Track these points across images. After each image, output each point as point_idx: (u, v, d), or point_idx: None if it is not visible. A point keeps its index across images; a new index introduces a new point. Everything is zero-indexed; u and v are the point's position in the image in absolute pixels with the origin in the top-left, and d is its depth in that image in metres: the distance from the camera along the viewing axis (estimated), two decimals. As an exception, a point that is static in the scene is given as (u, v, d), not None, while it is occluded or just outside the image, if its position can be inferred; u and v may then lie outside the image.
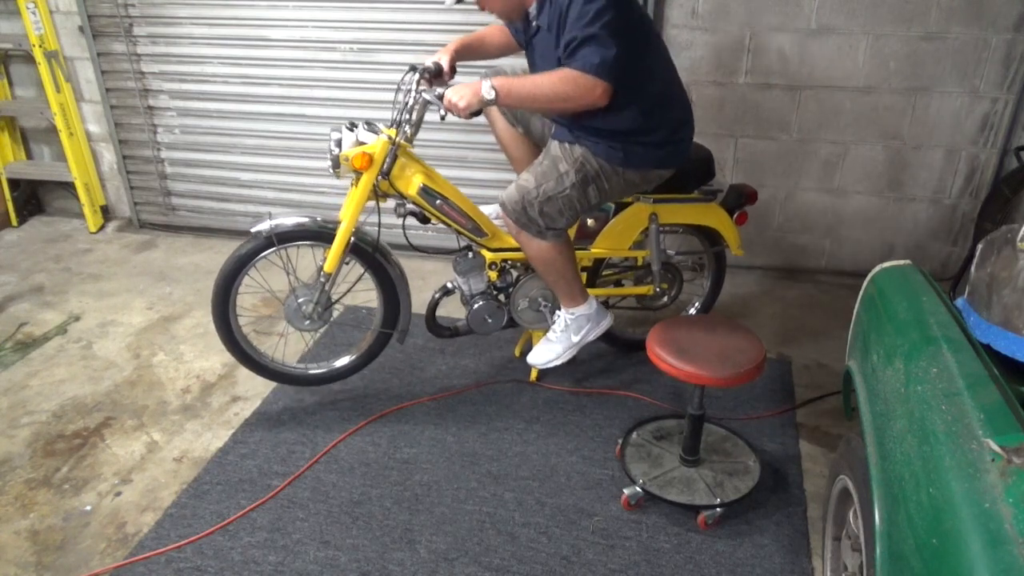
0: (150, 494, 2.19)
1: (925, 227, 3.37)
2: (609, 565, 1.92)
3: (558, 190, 2.19)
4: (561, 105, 2.04)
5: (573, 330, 2.45)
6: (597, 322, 2.47)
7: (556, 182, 2.19)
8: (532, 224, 2.23)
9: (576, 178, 2.19)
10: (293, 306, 2.37)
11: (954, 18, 2.95)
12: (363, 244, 2.34)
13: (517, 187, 2.22)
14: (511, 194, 2.23)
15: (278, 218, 2.28)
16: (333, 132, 2.25)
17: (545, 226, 2.23)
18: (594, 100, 1.99)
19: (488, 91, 2.02)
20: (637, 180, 2.29)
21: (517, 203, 2.21)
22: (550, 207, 2.20)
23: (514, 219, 2.24)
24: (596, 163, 2.20)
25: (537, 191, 2.19)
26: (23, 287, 3.46)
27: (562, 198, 2.20)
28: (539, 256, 2.31)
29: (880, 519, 1.26)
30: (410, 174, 2.30)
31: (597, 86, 1.96)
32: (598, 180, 2.22)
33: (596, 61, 1.94)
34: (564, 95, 1.99)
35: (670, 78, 2.24)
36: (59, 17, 3.76)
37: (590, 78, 1.95)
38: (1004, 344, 1.31)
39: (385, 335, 2.52)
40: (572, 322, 2.44)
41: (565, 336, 2.45)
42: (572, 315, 2.43)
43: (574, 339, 2.46)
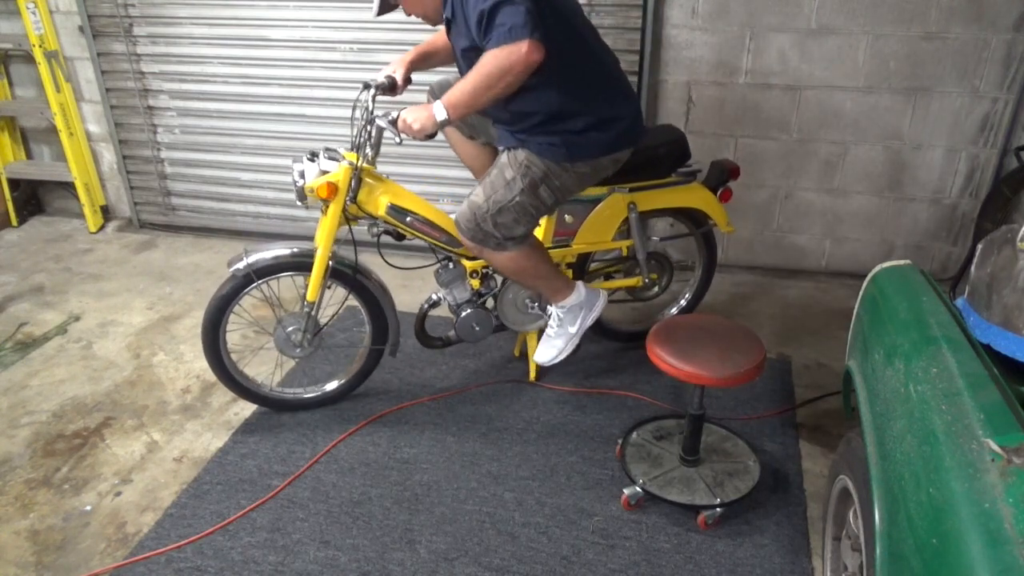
0: (150, 494, 2.19)
1: (925, 227, 3.37)
2: (609, 565, 1.92)
3: (508, 199, 2.15)
4: (503, 83, 1.95)
5: (569, 322, 2.43)
6: (591, 306, 2.45)
7: (505, 190, 2.16)
8: (489, 238, 2.20)
9: (524, 183, 2.15)
10: (283, 336, 2.38)
11: (954, 18, 2.95)
12: (342, 267, 2.34)
13: (468, 204, 2.19)
14: (463, 212, 2.20)
15: (254, 253, 2.27)
16: (295, 164, 2.24)
17: (503, 237, 2.19)
18: (526, 60, 1.90)
19: (440, 112, 2.01)
20: (588, 171, 2.24)
21: (470, 220, 2.18)
22: (503, 217, 2.17)
23: (470, 236, 2.21)
24: (542, 164, 2.16)
25: (487, 204, 2.16)
26: (23, 287, 3.46)
27: (514, 206, 2.16)
28: (507, 266, 2.28)
29: (880, 519, 1.26)
30: (377, 195, 2.29)
31: (520, 47, 1.88)
32: (547, 180, 2.18)
33: (507, 28, 1.88)
34: (497, 72, 1.93)
35: (599, 54, 2.19)
36: (59, 17, 3.76)
37: (511, 46, 1.89)
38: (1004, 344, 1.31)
39: (377, 351, 2.52)
40: (566, 315, 2.42)
41: (563, 330, 2.44)
42: (563, 308, 2.41)
43: (572, 330, 2.44)
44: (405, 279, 3.11)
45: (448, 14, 2.07)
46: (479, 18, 1.91)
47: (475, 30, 1.96)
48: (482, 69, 1.95)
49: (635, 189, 2.49)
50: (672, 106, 3.33)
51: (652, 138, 2.50)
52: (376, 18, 2.17)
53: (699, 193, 2.58)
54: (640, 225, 2.54)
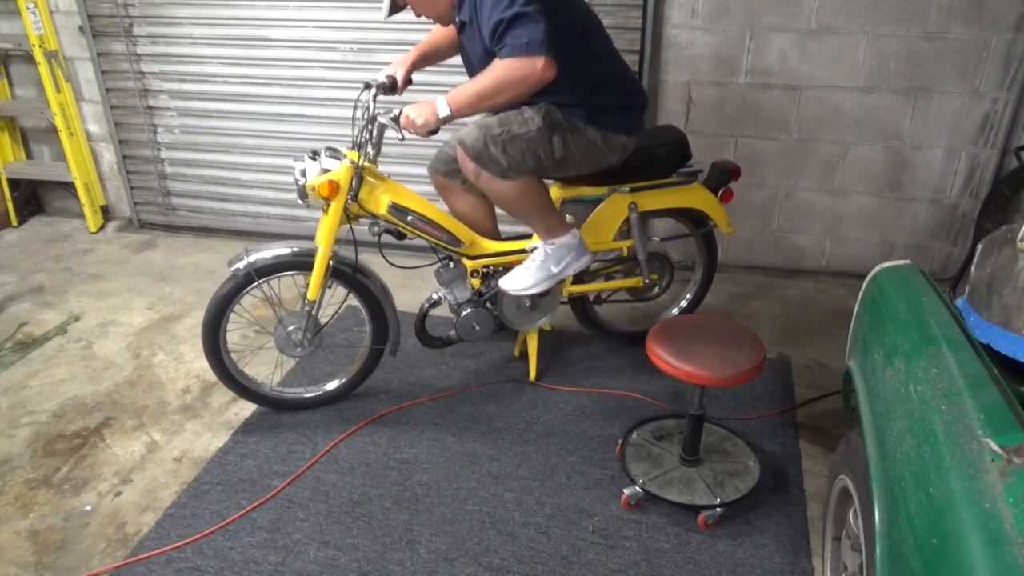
0: (150, 494, 2.19)
1: (925, 227, 3.37)
2: (609, 565, 1.92)
3: (523, 131, 2.11)
4: (511, 94, 1.99)
5: (553, 261, 2.34)
6: (579, 256, 2.38)
7: (520, 124, 2.12)
8: (494, 163, 2.12)
9: (543, 123, 2.13)
10: (283, 335, 2.37)
11: (954, 18, 2.95)
12: (342, 267, 2.34)
13: (477, 125, 2.13)
14: (470, 131, 2.12)
15: (254, 253, 2.27)
16: (297, 163, 2.25)
17: (508, 165, 2.13)
18: (540, 77, 1.94)
19: (443, 107, 2.02)
20: (599, 143, 2.25)
21: (477, 140, 2.10)
22: (513, 147, 2.11)
23: (473, 157, 2.12)
24: (561, 114, 2.16)
25: (500, 128, 2.11)
26: (23, 287, 3.46)
27: (527, 139, 2.12)
28: (506, 196, 2.21)
29: (880, 519, 1.26)
30: (378, 194, 2.29)
31: (536, 63, 1.92)
32: (562, 131, 2.17)
33: (524, 41, 1.90)
34: (509, 83, 1.96)
35: (609, 51, 2.23)
36: (59, 17, 3.76)
37: (525, 59, 1.91)
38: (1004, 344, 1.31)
39: (377, 351, 2.51)
40: (553, 252, 2.34)
41: (544, 266, 2.34)
42: (553, 245, 2.33)
43: (554, 270, 2.35)
44: (405, 278, 3.11)
45: (464, 17, 2.08)
46: (495, 26, 1.93)
47: (488, 37, 1.97)
48: (494, 77, 1.96)
49: (636, 189, 2.50)
50: (672, 106, 3.33)
51: (653, 138, 2.51)
52: (386, 20, 2.17)
53: (700, 194, 2.58)
54: (641, 225, 2.54)
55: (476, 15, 2.02)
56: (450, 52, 2.45)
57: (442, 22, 2.22)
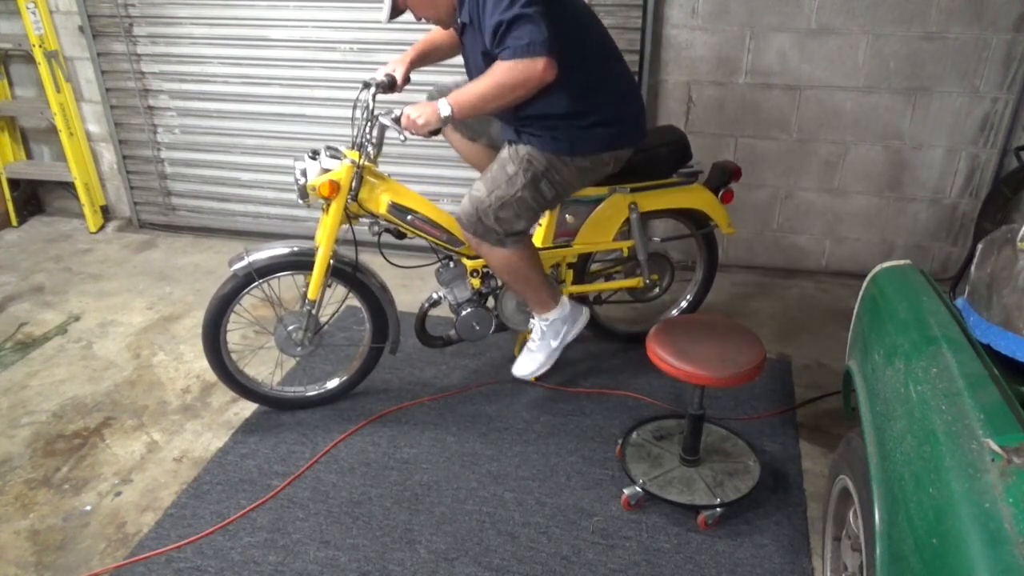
0: (150, 494, 2.19)
1: (925, 227, 3.37)
2: (609, 565, 1.92)
3: (510, 193, 2.17)
4: (513, 95, 1.99)
5: (551, 336, 2.43)
6: (574, 321, 2.46)
7: (507, 185, 2.17)
8: (490, 233, 2.21)
9: (525, 178, 2.17)
10: (283, 335, 2.38)
11: (954, 18, 2.95)
12: (342, 266, 2.34)
13: (470, 199, 2.20)
14: (465, 207, 2.21)
15: (255, 252, 2.27)
16: (297, 162, 2.25)
17: (504, 232, 2.20)
18: (540, 78, 1.95)
19: (445, 107, 2.03)
20: (588, 166, 2.26)
21: (471, 215, 2.19)
22: (505, 212, 2.18)
23: (472, 231, 2.22)
24: (543, 158, 2.18)
25: (489, 198, 2.17)
26: (23, 287, 3.46)
27: (516, 201, 2.17)
28: (502, 264, 2.28)
29: (880, 519, 1.26)
30: (378, 193, 2.30)
31: (537, 64, 1.92)
32: (549, 175, 2.20)
33: (525, 42, 1.90)
34: (510, 85, 1.96)
35: (607, 52, 2.22)
36: (59, 17, 3.76)
37: (527, 61, 1.92)
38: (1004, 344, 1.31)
39: (377, 349, 2.52)
40: (548, 328, 2.43)
41: (545, 343, 2.44)
42: (546, 321, 2.42)
43: (554, 344, 2.45)
44: (405, 278, 3.11)
45: (465, 19, 2.08)
46: (496, 27, 1.93)
47: (489, 39, 1.97)
48: (496, 78, 1.97)
49: (636, 189, 2.49)
50: (672, 106, 3.33)
51: (653, 139, 2.50)
52: (387, 23, 2.17)
53: (700, 194, 2.58)
54: (641, 225, 2.54)
55: (477, 17, 2.02)
56: (448, 52, 2.45)
57: (443, 25, 2.22)
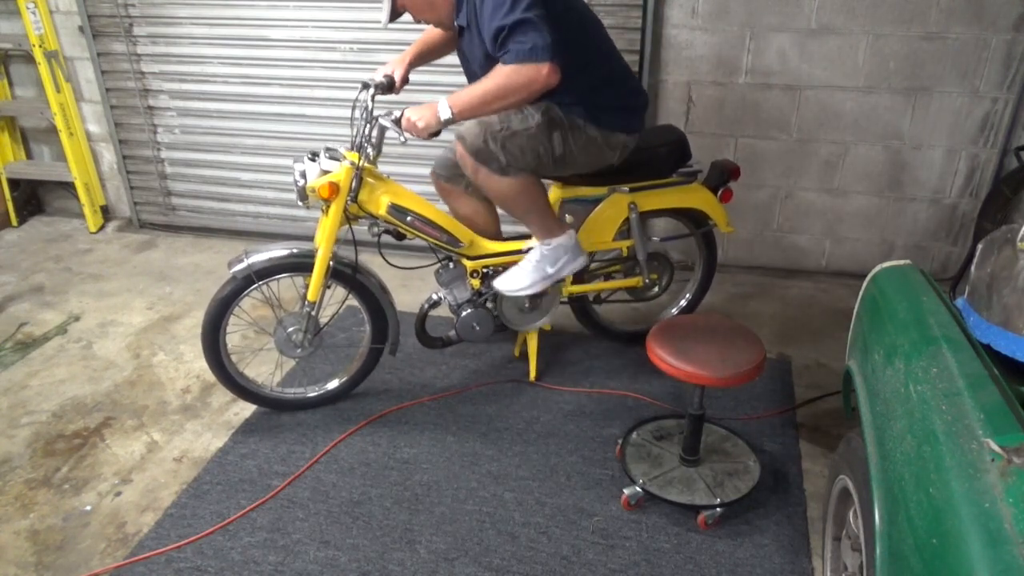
0: (150, 494, 2.19)
1: (925, 227, 3.37)
2: (609, 565, 1.92)
3: (523, 127, 2.12)
4: (515, 98, 2.00)
5: (549, 261, 2.34)
6: (574, 256, 2.39)
7: (521, 120, 2.12)
8: (493, 159, 2.13)
9: (542, 119, 2.14)
10: (283, 336, 2.37)
11: (954, 18, 2.95)
12: (342, 267, 2.34)
13: (478, 121, 2.12)
14: (470, 127, 2.11)
15: (254, 254, 2.26)
16: (296, 164, 2.24)
17: (507, 162, 2.13)
18: (544, 82, 1.96)
19: (445, 110, 2.02)
20: (599, 140, 2.25)
21: (478, 136, 2.10)
22: (512, 143, 2.12)
23: (473, 152, 2.12)
24: (560, 112, 2.17)
25: (501, 124, 2.11)
26: (23, 287, 3.46)
27: (527, 135, 2.13)
28: (504, 193, 2.21)
29: (880, 519, 1.26)
30: (378, 195, 2.29)
31: (541, 69, 1.93)
32: (563, 128, 2.18)
33: (528, 47, 1.91)
34: (513, 88, 1.97)
35: (607, 51, 2.23)
36: (59, 17, 3.76)
37: (531, 65, 1.92)
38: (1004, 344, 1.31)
39: (377, 350, 2.51)
40: (549, 252, 2.34)
41: (540, 267, 2.34)
42: (548, 245, 2.33)
43: (549, 271, 2.35)
44: (405, 279, 3.11)
45: (462, 22, 2.08)
46: (497, 32, 1.93)
47: (490, 43, 1.97)
48: (498, 81, 1.97)
49: (636, 189, 2.49)
50: (672, 106, 3.33)
51: (653, 138, 2.50)
52: (386, 25, 2.17)
53: (699, 193, 2.58)
54: (640, 225, 2.54)
55: (475, 20, 2.02)
56: (446, 51, 2.45)
57: (443, 27, 2.21)
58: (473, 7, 2.01)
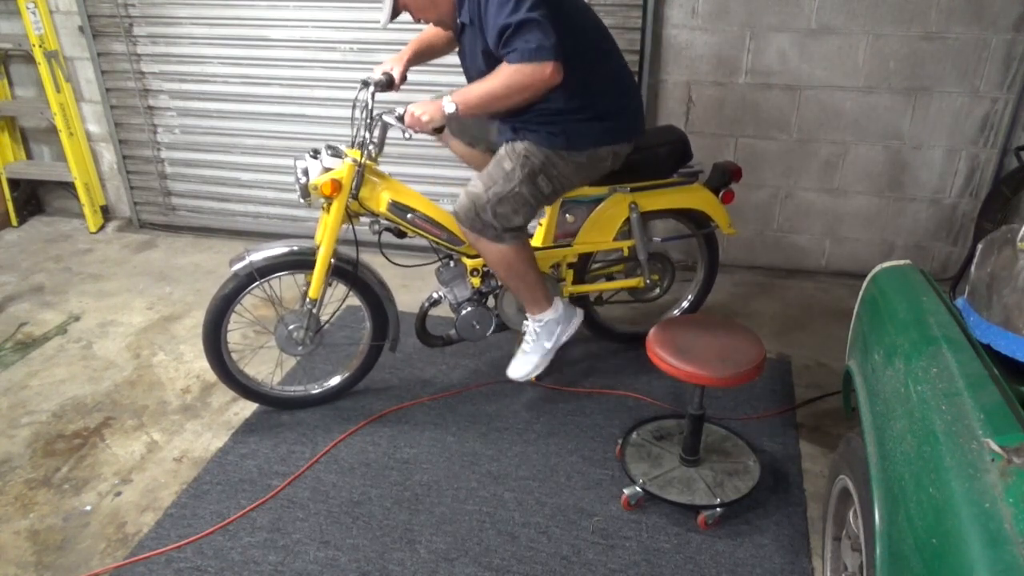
0: (150, 494, 2.19)
1: (925, 227, 3.37)
2: (609, 565, 1.92)
3: (508, 189, 2.17)
4: (520, 97, 2.01)
5: (544, 337, 2.42)
6: (568, 321, 2.45)
7: (504, 181, 2.17)
8: (488, 228, 2.21)
9: (523, 173, 2.17)
10: (284, 334, 2.37)
11: (954, 18, 2.95)
12: (343, 265, 2.34)
13: (467, 194, 2.20)
14: (462, 203, 2.21)
15: (255, 252, 2.27)
16: (298, 161, 2.25)
17: (502, 228, 2.20)
18: (548, 82, 1.97)
19: (449, 105, 2.04)
20: (585, 162, 2.26)
21: (469, 210, 2.19)
22: (503, 208, 2.18)
23: (469, 226, 2.22)
24: (540, 154, 2.19)
25: (487, 194, 2.17)
26: (23, 287, 3.46)
27: (513, 196, 2.17)
28: (499, 260, 2.28)
29: (880, 519, 1.26)
30: (379, 192, 2.30)
31: (545, 68, 1.94)
32: (546, 170, 2.20)
33: (533, 47, 1.92)
34: (518, 87, 1.98)
35: (605, 49, 2.23)
36: (59, 17, 3.76)
37: (535, 65, 1.94)
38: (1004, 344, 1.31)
39: (377, 347, 2.52)
40: (542, 329, 2.41)
41: (539, 345, 2.43)
42: (540, 322, 2.41)
43: (547, 345, 2.43)
44: (405, 278, 3.11)
45: (465, 19, 2.08)
46: (502, 30, 1.94)
47: (493, 41, 1.98)
48: (503, 80, 1.98)
49: (636, 189, 2.49)
50: (672, 106, 3.33)
51: (654, 138, 2.50)
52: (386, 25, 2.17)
53: (701, 194, 2.58)
54: (641, 225, 2.54)
55: (479, 18, 2.02)
56: (444, 49, 2.46)
57: (444, 26, 2.21)
58: (476, 4, 2.01)
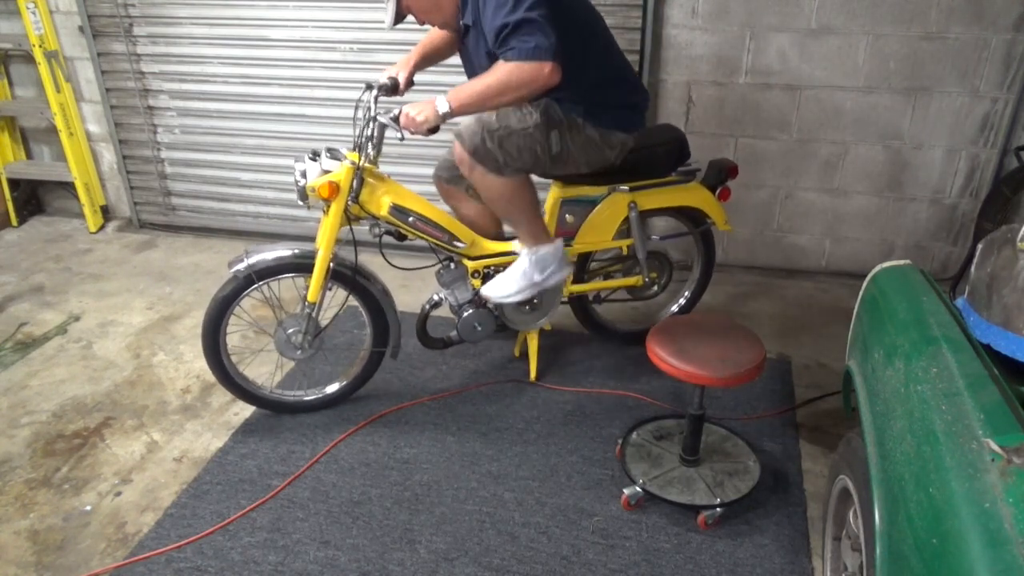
0: (150, 494, 2.19)
1: (925, 227, 3.37)
2: (609, 565, 1.92)
3: (521, 126, 2.13)
4: (515, 95, 2.00)
5: (537, 268, 2.35)
6: (561, 266, 2.40)
7: (519, 119, 2.13)
8: (489, 158, 2.14)
9: (540, 119, 2.15)
10: (283, 338, 2.37)
11: (954, 18, 2.95)
12: (343, 269, 2.33)
13: (476, 119, 2.13)
14: (469, 124, 2.14)
15: (255, 254, 2.26)
16: (297, 164, 2.24)
17: (504, 162, 2.15)
18: (545, 81, 1.97)
19: (443, 104, 2.03)
20: (597, 139, 2.26)
21: (476, 134, 2.12)
22: (510, 143, 2.13)
23: (470, 150, 2.14)
24: (559, 111, 2.18)
25: (498, 124, 2.12)
26: (23, 287, 3.46)
27: (524, 135, 2.14)
28: (497, 193, 2.22)
29: (880, 519, 1.26)
30: (379, 195, 2.29)
31: (543, 67, 1.94)
32: (561, 128, 2.20)
33: (531, 46, 1.91)
34: (514, 85, 1.97)
35: (611, 49, 2.24)
36: (59, 17, 3.76)
37: (533, 64, 1.93)
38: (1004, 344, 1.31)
39: (378, 354, 2.51)
40: (537, 260, 2.35)
41: (527, 274, 2.35)
42: (536, 253, 2.34)
43: (536, 278, 2.36)
44: (406, 280, 3.11)
45: (468, 21, 2.08)
46: (499, 30, 1.94)
47: (492, 40, 1.98)
48: (499, 78, 1.97)
49: (635, 188, 2.50)
50: (672, 106, 3.33)
51: (652, 137, 2.51)
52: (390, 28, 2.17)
53: (698, 192, 2.58)
54: (640, 224, 2.54)
55: (479, 18, 2.02)
56: (449, 52, 2.46)
57: (449, 28, 2.21)
58: (477, 4, 2.01)
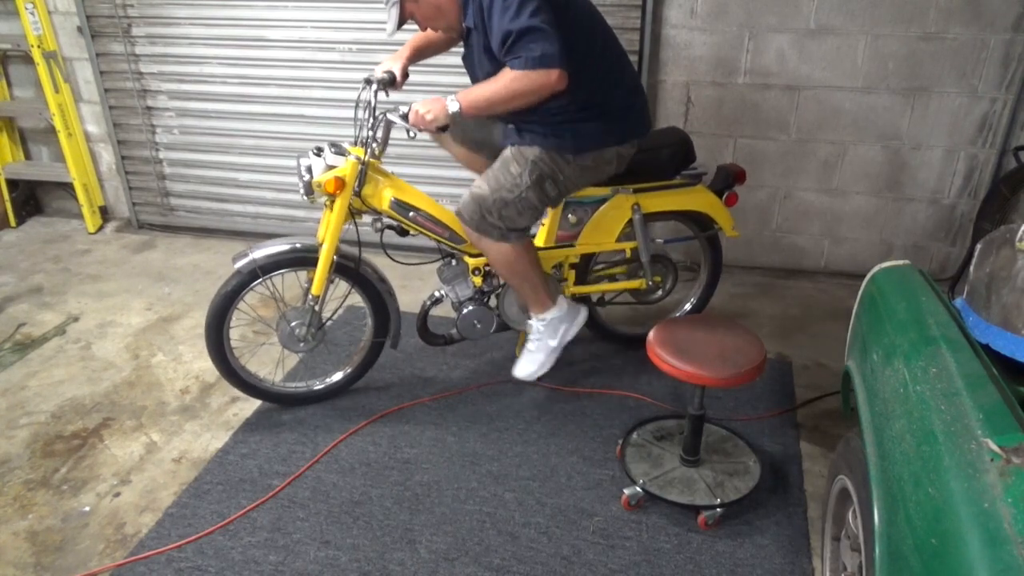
0: (149, 495, 2.18)
1: (924, 227, 3.37)
2: (609, 565, 1.92)
3: (514, 193, 2.19)
4: (523, 101, 2.02)
5: (549, 335, 2.43)
6: (572, 320, 2.46)
7: (511, 187, 2.19)
8: (493, 229, 2.23)
9: (530, 179, 2.19)
10: (287, 331, 2.38)
11: (953, 18, 2.96)
12: (346, 262, 2.35)
13: (472, 195, 2.21)
14: (467, 203, 2.22)
15: (258, 249, 2.28)
16: (302, 159, 2.26)
17: (507, 228, 2.23)
18: (552, 87, 1.98)
19: (453, 104, 2.05)
20: (591, 165, 2.27)
21: (474, 212, 2.21)
22: (509, 211, 2.20)
23: (473, 227, 2.24)
24: (548, 158, 2.20)
25: (492, 197, 2.19)
26: (22, 288, 3.45)
27: (519, 200, 2.20)
28: (502, 260, 2.29)
29: (879, 519, 1.26)
30: (381, 190, 2.31)
31: (550, 75, 1.95)
32: (553, 175, 2.22)
33: (537, 54, 1.93)
34: (522, 92, 1.99)
35: (613, 51, 2.24)
36: (57, 17, 3.76)
37: (540, 72, 1.95)
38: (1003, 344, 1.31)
39: (379, 344, 2.53)
40: (546, 328, 2.43)
41: (543, 343, 2.45)
42: (544, 321, 2.42)
43: (552, 344, 2.44)
44: (407, 276, 3.11)
45: (470, 24, 2.09)
46: (504, 36, 1.95)
47: (497, 46, 1.99)
48: (508, 84, 1.99)
49: (639, 190, 2.49)
50: (671, 106, 3.34)
51: (657, 140, 2.50)
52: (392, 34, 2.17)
53: (704, 196, 2.57)
54: (644, 227, 2.54)
55: (482, 22, 2.02)
56: (443, 47, 2.47)
57: (453, 31, 2.22)
58: (480, 8, 2.01)
